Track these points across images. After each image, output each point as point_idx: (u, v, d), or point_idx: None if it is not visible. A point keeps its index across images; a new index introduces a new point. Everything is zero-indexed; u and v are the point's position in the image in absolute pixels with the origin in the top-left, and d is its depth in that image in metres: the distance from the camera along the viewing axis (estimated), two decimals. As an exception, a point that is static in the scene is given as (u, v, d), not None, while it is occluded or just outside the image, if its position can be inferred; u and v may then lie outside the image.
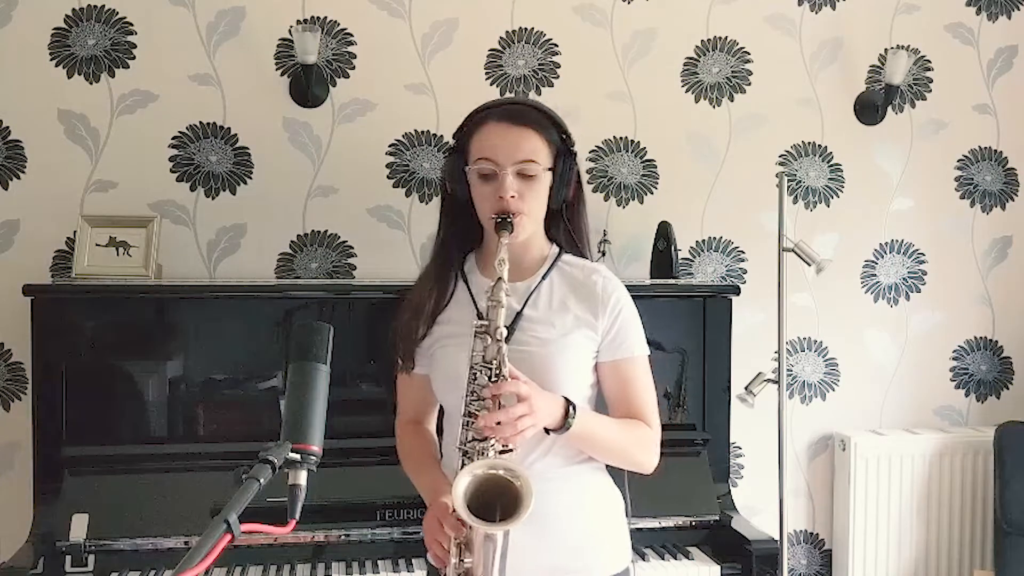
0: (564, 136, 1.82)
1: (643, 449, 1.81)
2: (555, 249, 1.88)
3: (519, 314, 1.77)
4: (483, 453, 1.62)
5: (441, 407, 1.91)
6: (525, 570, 1.65)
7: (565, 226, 1.88)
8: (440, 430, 1.92)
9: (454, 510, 1.58)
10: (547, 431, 1.68)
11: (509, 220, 1.73)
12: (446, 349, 1.81)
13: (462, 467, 1.61)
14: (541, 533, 1.68)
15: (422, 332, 1.84)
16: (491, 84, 2.95)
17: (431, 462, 1.87)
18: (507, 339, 1.67)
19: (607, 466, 1.86)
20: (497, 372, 1.64)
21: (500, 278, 1.67)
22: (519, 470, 1.56)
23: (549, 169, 1.79)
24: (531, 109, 1.83)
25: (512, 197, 1.74)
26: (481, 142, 1.78)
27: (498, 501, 1.55)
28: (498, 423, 1.60)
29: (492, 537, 1.54)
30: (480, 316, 1.73)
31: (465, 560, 1.60)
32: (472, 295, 1.83)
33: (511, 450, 1.63)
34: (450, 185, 1.85)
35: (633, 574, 1.88)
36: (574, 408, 1.69)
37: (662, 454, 1.78)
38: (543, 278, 1.83)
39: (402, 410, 1.97)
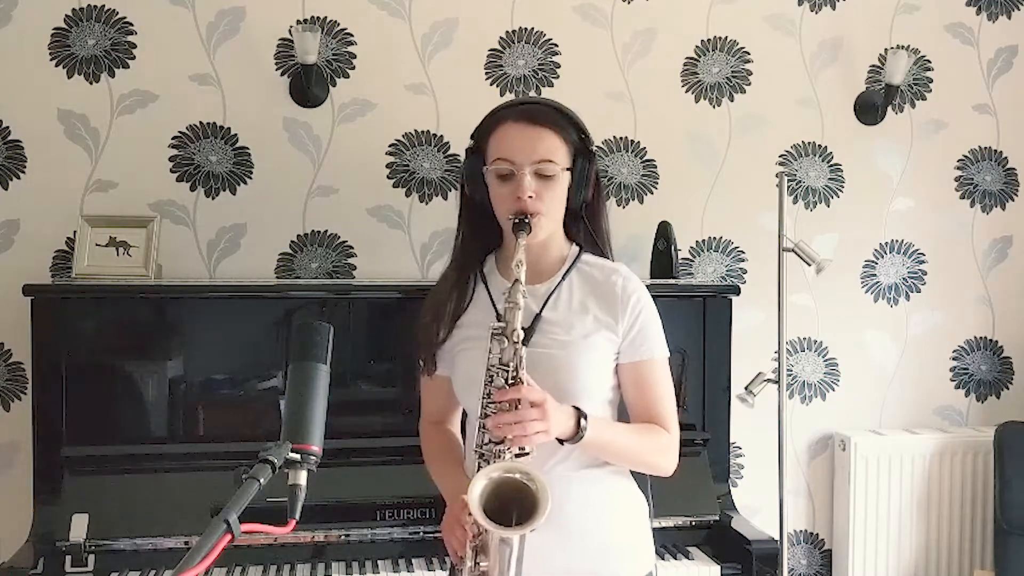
0: (583, 136, 1.81)
1: (660, 454, 1.79)
2: (575, 249, 1.86)
3: (538, 316, 1.75)
4: (499, 456, 1.60)
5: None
6: (542, 573, 1.63)
7: (585, 226, 1.87)
8: (464, 431, 1.92)
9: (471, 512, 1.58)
10: (561, 442, 1.67)
11: (527, 221, 1.72)
12: (466, 352, 1.80)
13: (478, 469, 1.60)
14: (559, 536, 1.67)
15: (443, 335, 1.83)
16: (491, 84, 2.95)
17: (453, 463, 1.86)
18: (526, 341, 1.66)
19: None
20: (514, 375, 1.63)
21: (517, 280, 1.67)
22: (535, 474, 1.54)
23: (567, 169, 1.78)
24: (549, 109, 1.81)
25: (530, 197, 1.73)
26: (499, 142, 1.78)
27: (515, 505, 1.53)
28: (508, 423, 1.59)
29: (508, 541, 1.53)
30: (498, 318, 1.72)
31: (481, 563, 1.58)
32: (491, 297, 1.82)
33: (527, 453, 1.61)
34: (468, 186, 1.84)
35: None
36: (586, 418, 1.67)
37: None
38: (562, 279, 1.81)
39: (425, 411, 1.97)
